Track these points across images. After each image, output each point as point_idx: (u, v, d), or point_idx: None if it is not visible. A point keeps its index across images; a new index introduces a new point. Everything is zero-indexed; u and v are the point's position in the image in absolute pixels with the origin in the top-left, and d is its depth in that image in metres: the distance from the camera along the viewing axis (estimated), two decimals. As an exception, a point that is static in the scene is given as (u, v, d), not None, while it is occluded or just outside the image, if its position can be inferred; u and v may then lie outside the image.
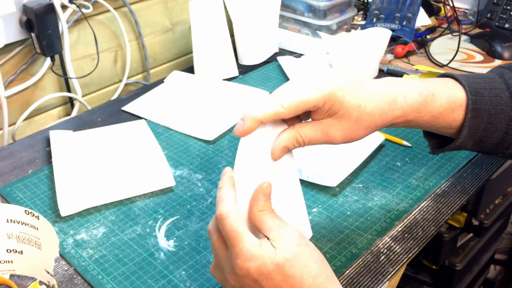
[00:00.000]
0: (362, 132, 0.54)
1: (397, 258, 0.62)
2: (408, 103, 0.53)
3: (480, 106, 0.55)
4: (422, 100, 0.54)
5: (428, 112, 0.54)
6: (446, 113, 0.55)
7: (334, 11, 1.16)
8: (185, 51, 1.22)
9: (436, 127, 0.57)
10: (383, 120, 0.53)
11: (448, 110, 0.55)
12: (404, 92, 0.54)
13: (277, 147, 0.52)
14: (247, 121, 0.50)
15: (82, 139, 0.86)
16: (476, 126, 0.55)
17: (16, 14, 0.89)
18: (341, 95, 0.51)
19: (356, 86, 0.52)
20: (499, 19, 1.24)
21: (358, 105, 0.51)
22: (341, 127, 0.53)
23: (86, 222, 0.70)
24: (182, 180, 0.78)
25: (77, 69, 1.02)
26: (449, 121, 0.56)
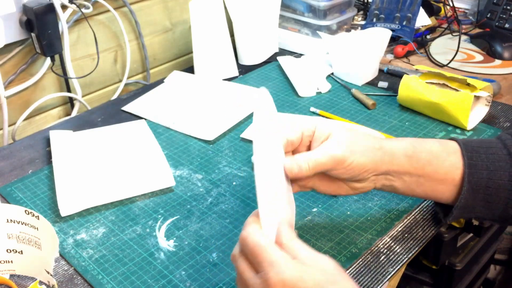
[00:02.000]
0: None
1: (397, 258, 0.62)
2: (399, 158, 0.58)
3: (477, 162, 0.57)
4: (412, 149, 0.58)
5: (423, 158, 0.58)
6: (442, 157, 0.58)
7: (334, 11, 1.16)
8: (185, 51, 1.22)
9: (430, 183, 0.59)
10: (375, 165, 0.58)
11: (443, 158, 0.58)
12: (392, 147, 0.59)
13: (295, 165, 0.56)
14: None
15: (82, 139, 0.86)
16: (477, 182, 0.57)
17: (16, 14, 0.89)
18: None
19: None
20: (499, 19, 1.24)
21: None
22: (337, 141, 0.57)
23: (86, 222, 0.70)
24: (182, 180, 0.78)
25: (77, 69, 1.02)
26: (445, 175, 0.58)
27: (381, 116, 0.91)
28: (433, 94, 0.86)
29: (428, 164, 0.58)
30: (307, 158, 0.56)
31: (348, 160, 0.55)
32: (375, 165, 0.57)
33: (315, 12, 1.14)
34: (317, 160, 0.55)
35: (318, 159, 0.55)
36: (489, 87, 0.86)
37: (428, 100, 0.87)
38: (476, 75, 1.01)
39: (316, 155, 0.56)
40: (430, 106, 0.87)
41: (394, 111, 0.93)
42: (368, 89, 1.01)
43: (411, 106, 0.92)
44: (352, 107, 0.95)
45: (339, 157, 0.55)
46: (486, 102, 0.87)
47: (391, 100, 0.97)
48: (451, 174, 0.58)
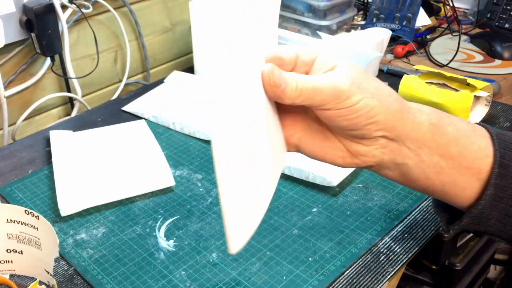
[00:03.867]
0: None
1: (397, 258, 0.62)
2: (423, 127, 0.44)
3: (509, 163, 0.43)
4: (437, 117, 0.45)
5: (449, 132, 0.44)
6: (471, 138, 0.44)
7: (334, 11, 1.16)
8: (185, 51, 1.22)
9: (461, 167, 0.44)
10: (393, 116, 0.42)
11: (471, 136, 0.44)
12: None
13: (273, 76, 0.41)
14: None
15: (82, 139, 0.86)
16: (503, 189, 0.43)
17: (16, 14, 0.89)
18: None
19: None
20: (499, 19, 1.24)
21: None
22: (345, 73, 0.42)
23: (86, 222, 0.70)
24: (182, 180, 0.78)
25: (77, 69, 1.02)
26: (472, 158, 0.44)
27: (381, 116, 0.91)
28: (433, 94, 0.86)
29: (454, 142, 0.43)
30: (297, 76, 0.41)
31: (355, 97, 0.41)
32: (388, 116, 0.42)
33: (315, 12, 1.14)
34: (311, 83, 0.41)
35: (313, 82, 0.41)
36: (489, 87, 0.86)
37: (428, 100, 0.87)
38: (476, 75, 1.01)
39: (313, 78, 0.41)
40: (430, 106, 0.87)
41: (394, 111, 0.93)
42: (368, 89, 1.01)
43: (411, 106, 0.92)
44: (352, 107, 0.95)
45: (343, 88, 0.41)
46: (486, 102, 0.87)
47: (391, 100, 0.97)
48: (479, 163, 0.43)
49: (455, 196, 0.45)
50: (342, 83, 0.41)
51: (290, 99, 0.41)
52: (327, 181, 0.73)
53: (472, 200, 0.44)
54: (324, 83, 0.41)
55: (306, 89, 0.41)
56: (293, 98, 0.41)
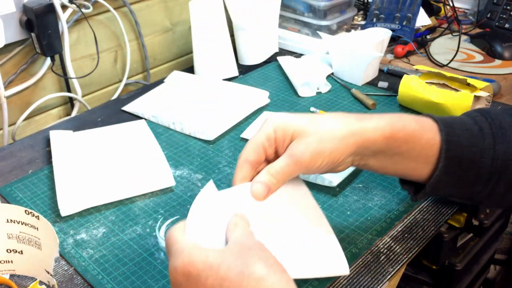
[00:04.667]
0: (328, 149, 0.52)
1: (397, 258, 0.62)
2: (377, 129, 0.54)
3: (452, 138, 0.55)
4: (390, 129, 0.54)
5: (401, 137, 0.54)
6: (418, 134, 0.55)
7: (334, 11, 1.16)
8: (185, 51, 1.22)
9: (407, 155, 0.56)
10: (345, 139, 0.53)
11: (420, 131, 0.55)
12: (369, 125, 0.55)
13: (255, 186, 0.51)
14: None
15: (82, 139, 0.86)
16: (452, 158, 0.54)
17: (16, 14, 0.89)
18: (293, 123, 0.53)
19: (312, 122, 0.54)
20: (499, 19, 1.24)
21: (316, 130, 0.53)
22: (304, 143, 0.52)
23: (86, 222, 0.70)
24: (182, 180, 0.78)
25: (77, 69, 1.02)
26: (423, 145, 0.55)
27: (381, 116, 0.91)
28: (433, 94, 0.86)
29: (404, 143, 0.55)
30: (269, 176, 0.51)
31: (318, 162, 0.52)
32: (348, 151, 0.53)
33: (315, 12, 1.14)
34: (282, 172, 0.51)
35: (284, 171, 0.51)
36: (489, 87, 0.86)
37: (428, 100, 0.87)
38: (476, 75, 1.01)
39: (282, 167, 0.52)
40: (430, 106, 0.87)
41: (394, 111, 0.93)
42: (368, 89, 1.01)
43: (411, 106, 0.92)
44: (352, 107, 0.95)
45: (308, 162, 0.51)
46: (486, 102, 0.87)
47: (391, 100, 0.97)
48: (426, 151, 0.55)
49: (413, 177, 0.58)
50: (304, 157, 0.51)
51: (277, 189, 0.52)
52: (327, 181, 0.73)
53: (426, 175, 0.56)
54: (290, 167, 0.51)
55: (281, 177, 0.51)
56: (279, 186, 0.52)
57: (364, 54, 0.99)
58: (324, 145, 0.52)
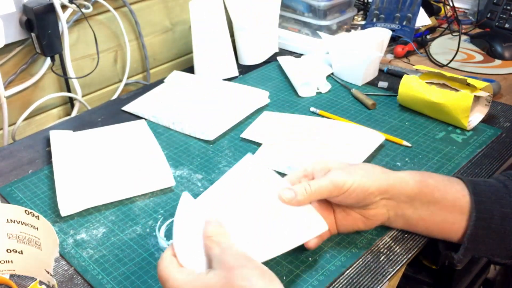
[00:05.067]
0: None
1: (397, 258, 0.62)
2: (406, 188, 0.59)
3: (480, 191, 0.57)
4: (420, 175, 0.60)
5: (431, 184, 0.59)
6: (448, 183, 0.59)
7: (334, 11, 1.16)
8: (185, 51, 1.22)
9: (438, 213, 0.59)
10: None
11: (448, 188, 0.59)
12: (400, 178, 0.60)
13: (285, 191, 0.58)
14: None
15: (82, 139, 0.86)
16: (484, 210, 0.57)
17: (16, 14, 0.89)
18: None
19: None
20: (499, 19, 1.24)
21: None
22: (340, 170, 0.59)
23: (86, 222, 0.70)
24: (182, 180, 0.78)
25: (77, 69, 1.02)
26: (453, 202, 0.58)
27: (381, 116, 0.91)
28: (433, 94, 0.86)
29: (436, 190, 0.58)
30: (305, 183, 0.58)
31: (348, 183, 0.57)
32: (380, 186, 0.58)
33: (315, 12, 1.14)
34: (317, 184, 0.57)
35: (319, 183, 0.57)
36: (489, 87, 0.86)
37: (428, 100, 0.87)
38: (476, 75, 1.01)
39: (317, 181, 0.58)
40: (430, 106, 0.87)
41: (394, 111, 0.93)
42: (368, 89, 1.01)
43: (411, 106, 0.92)
44: (352, 107, 0.95)
45: (338, 180, 0.57)
46: (486, 102, 0.87)
47: (391, 100, 0.97)
48: (459, 201, 0.58)
49: (449, 231, 0.59)
50: (336, 177, 0.57)
51: (304, 201, 0.57)
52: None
53: (463, 229, 0.58)
54: (324, 181, 0.57)
55: (313, 190, 0.57)
56: (306, 199, 0.57)
57: (364, 54, 0.99)
58: (355, 171, 0.58)
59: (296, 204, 0.57)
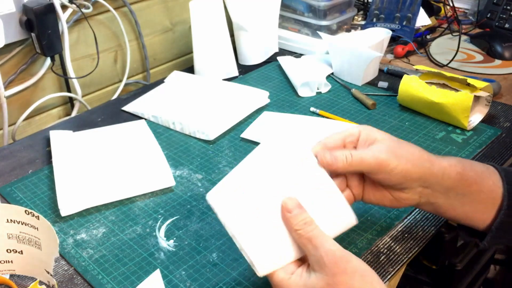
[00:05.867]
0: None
1: (397, 258, 0.62)
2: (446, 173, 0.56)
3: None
4: (462, 166, 0.57)
5: (471, 176, 0.57)
6: (487, 176, 0.58)
7: (334, 11, 1.16)
8: (185, 51, 1.22)
9: (470, 198, 0.57)
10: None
11: (483, 177, 0.58)
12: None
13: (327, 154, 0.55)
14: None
15: (82, 139, 0.86)
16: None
17: (16, 14, 0.89)
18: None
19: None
20: (499, 19, 1.24)
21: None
22: (385, 145, 0.55)
23: (86, 222, 0.70)
24: (182, 180, 0.78)
25: (77, 69, 1.02)
26: (487, 188, 0.57)
27: (381, 116, 0.91)
28: (433, 94, 0.86)
29: (474, 183, 0.57)
30: (348, 152, 0.54)
31: (392, 164, 0.54)
32: (422, 174, 0.55)
33: (315, 12, 1.14)
34: (359, 156, 0.54)
35: (361, 156, 0.54)
36: (489, 87, 0.86)
37: (428, 100, 0.87)
38: (476, 75, 1.01)
39: (360, 152, 0.55)
40: (430, 106, 0.87)
41: (394, 111, 0.93)
42: (368, 89, 1.01)
43: (411, 106, 0.92)
44: (352, 107, 0.95)
45: (383, 159, 0.54)
46: (486, 102, 0.87)
47: (391, 100, 0.97)
48: (493, 194, 0.57)
49: (477, 220, 0.58)
50: (381, 154, 0.54)
51: (343, 169, 0.54)
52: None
53: (491, 218, 0.57)
54: (367, 155, 0.54)
55: (354, 161, 0.54)
56: (345, 168, 0.54)
57: (364, 54, 0.99)
58: (401, 153, 0.55)
59: (333, 171, 0.55)
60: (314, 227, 0.50)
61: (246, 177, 0.53)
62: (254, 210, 0.52)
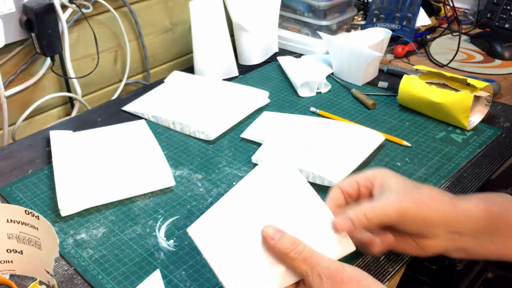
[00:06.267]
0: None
1: (397, 258, 0.62)
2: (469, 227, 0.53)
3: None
4: (484, 204, 0.54)
5: (496, 213, 0.54)
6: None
7: (334, 11, 1.16)
8: (185, 51, 1.22)
9: (508, 233, 0.54)
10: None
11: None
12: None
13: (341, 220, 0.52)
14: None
15: (82, 139, 0.86)
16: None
17: (16, 14, 0.89)
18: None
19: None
20: (499, 19, 1.24)
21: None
22: (404, 192, 0.53)
23: (86, 222, 0.70)
24: (182, 180, 0.78)
25: (77, 69, 1.02)
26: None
27: (381, 116, 0.91)
28: (433, 94, 0.86)
29: (501, 219, 0.54)
30: (364, 209, 0.51)
31: (410, 211, 0.51)
32: (444, 220, 0.52)
33: (315, 12, 1.14)
34: (378, 211, 0.51)
35: (381, 210, 0.51)
36: (489, 87, 0.86)
37: (428, 100, 0.87)
38: (476, 75, 1.01)
39: (377, 206, 0.52)
40: (430, 106, 0.87)
41: (394, 111, 0.93)
42: (368, 89, 1.01)
43: (411, 106, 0.92)
44: (352, 107, 0.95)
45: (403, 208, 0.51)
46: (486, 102, 0.87)
47: (391, 100, 0.97)
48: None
49: (510, 254, 0.55)
50: (401, 203, 0.51)
51: (361, 227, 0.51)
52: (327, 182, 0.73)
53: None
54: (388, 209, 0.51)
55: (375, 219, 0.51)
56: (364, 227, 0.51)
57: (364, 54, 0.99)
58: (421, 198, 0.52)
59: (351, 233, 0.52)
60: (303, 245, 0.49)
61: (231, 210, 0.52)
62: (236, 244, 0.50)
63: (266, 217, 0.51)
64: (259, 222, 0.51)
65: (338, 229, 0.51)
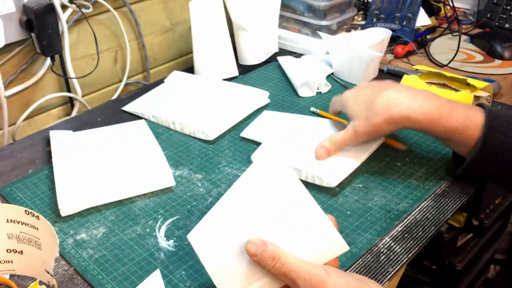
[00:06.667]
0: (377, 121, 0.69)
1: (397, 258, 0.62)
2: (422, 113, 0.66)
3: (496, 126, 0.62)
4: (437, 114, 0.65)
5: (443, 125, 0.65)
6: (461, 129, 0.65)
7: (334, 11, 1.16)
8: (185, 51, 1.22)
9: (451, 142, 0.68)
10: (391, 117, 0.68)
11: (463, 127, 0.65)
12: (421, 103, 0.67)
13: (319, 149, 0.74)
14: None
15: (82, 139, 0.86)
16: (492, 143, 0.63)
17: (16, 14, 0.89)
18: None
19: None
20: (499, 19, 1.24)
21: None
22: (362, 119, 0.71)
23: (86, 222, 0.70)
24: (182, 180, 0.78)
25: (77, 69, 1.02)
26: (464, 138, 0.65)
27: (381, 116, 0.91)
28: (433, 94, 0.86)
29: (445, 132, 0.66)
30: (332, 139, 0.74)
31: (368, 138, 0.72)
32: (393, 128, 0.70)
33: (315, 12, 1.14)
34: (340, 140, 0.73)
35: (342, 139, 0.73)
36: (489, 87, 0.86)
37: (428, 100, 0.87)
38: (476, 75, 1.01)
39: (340, 135, 0.73)
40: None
41: (394, 111, 0.93)
42: (368, 89, 1.01)
43: (411, 106, 0.92)
44: (352, 107, 0.95)
45: (360, 136, 0.72)
46: (486, 102, 0.87)
47: (391, 100, 0.96)
48: (466, 142, 0.65)
49: (456, 148, 0.70)
50: (358, 126, 0.73)
51: (334, 152, 0.77)
52: (326, 182, 0.73)
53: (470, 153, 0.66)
54: (347, 133, 0.75)
55: (340, 145, 0.76)
56: (337, 151, 0.77)
57: (364, 54, 0.99)
58: (375, 121, 0.69)
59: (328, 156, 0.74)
60: (283, 260, 0.49)
61: (227, 214, 0.53)
62: (232, 252, 0.52)
63: (259, 220, 0.52)
64: (253, 227, 0.52)
65: (318, 159, 0.73)
